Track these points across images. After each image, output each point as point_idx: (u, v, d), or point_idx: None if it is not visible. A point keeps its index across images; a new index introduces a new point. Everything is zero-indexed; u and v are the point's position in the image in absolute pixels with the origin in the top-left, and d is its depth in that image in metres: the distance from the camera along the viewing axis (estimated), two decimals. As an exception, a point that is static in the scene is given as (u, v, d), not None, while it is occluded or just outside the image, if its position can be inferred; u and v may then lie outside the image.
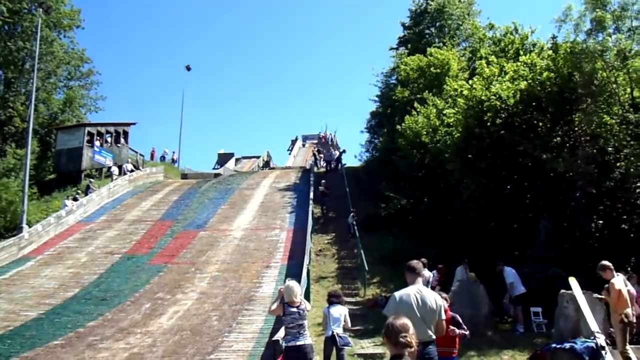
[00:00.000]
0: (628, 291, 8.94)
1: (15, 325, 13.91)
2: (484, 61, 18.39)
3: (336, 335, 8.74)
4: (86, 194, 27.94)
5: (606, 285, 8.80)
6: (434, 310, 5.33)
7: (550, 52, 16.98)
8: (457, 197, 17.66)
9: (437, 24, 33.17)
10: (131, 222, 24.32)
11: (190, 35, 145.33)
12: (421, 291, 5.41)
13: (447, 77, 23.38)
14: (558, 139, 15.53)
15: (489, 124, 16.04)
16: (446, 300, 7.19)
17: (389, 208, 22.44)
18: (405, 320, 3.38)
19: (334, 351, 9.01)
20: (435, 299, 5.44)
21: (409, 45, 32.57)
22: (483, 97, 16.41)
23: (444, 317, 5.52)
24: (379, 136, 31.87)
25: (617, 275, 8.81)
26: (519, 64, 16.96)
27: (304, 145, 57.30)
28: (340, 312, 9.12)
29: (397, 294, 5.41)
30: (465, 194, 16.68)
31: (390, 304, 5.41)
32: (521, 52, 19.79)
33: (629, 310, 8.55)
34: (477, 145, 16.01)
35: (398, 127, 23.93)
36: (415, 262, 5.75)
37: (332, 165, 36.41)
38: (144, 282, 17.33)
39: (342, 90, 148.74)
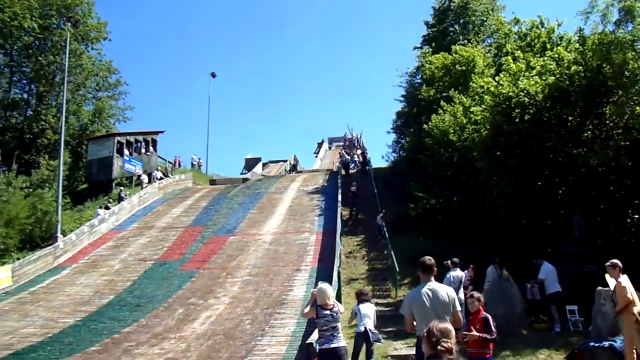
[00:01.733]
0: None
1: (54, 332, 14.23)
2: (510, 57, 18.15)
3: (369, 331, 8.95)
4: (118, 202, 28.43)
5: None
6: (446, 303, 5.49)
7: (577, 45, 16.67)
8: (487, 196, 17.46)
9: (461, 20, 32.92)
10: (162, 229, 24.65)
11: (214, 42, 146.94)
12: (432, 286, 5.59)
13: (472, 74, 23.21)
14: (589, 133, 15.19)
15: (517, 120, 15.80)
16: (479, 300, 7.11)
17: (417, 208, 22.50)
18: (446, 325, 3.39)
19: (364, 347, 9.18)
20: (447, 292, 5.60)
21: (433, 44, 32.39)
22: (510, 94, 16.18)
23: (459, 308, 5.64)
24: (406, 136, 31.81)
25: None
26: (545, 58, 16.67)
27: (330, 148, 57.38)
28: (370, 309, 9.38)
29: (409, 293, 5.71)
30: (495, 191, 16.46)
31: (404, 303, 5.72)
32: (548, 46, 19.47)
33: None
34: (505, 143, 15.78)
35: (425, 126, 23.85)
36: (428, 259, 5.81)
37: (359, 167, 36.35)
38: (177, 287, 17.55)
39: (368, 92, 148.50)
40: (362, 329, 9.04)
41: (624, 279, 8.28)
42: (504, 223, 16.49)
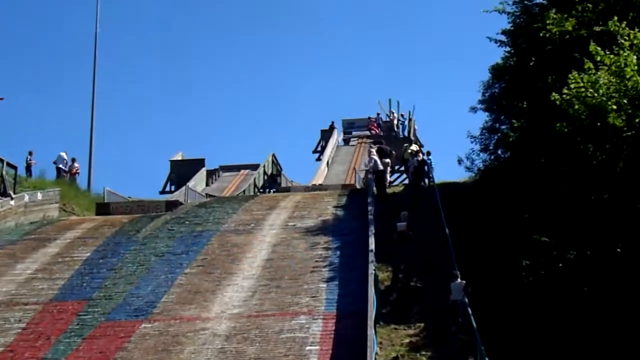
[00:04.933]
0: None
1: None
2: None
3: None
4: None
5: None
6: None
7: None
8: None
9: None
10: (-6, 307, 24.52)
11: None
12: None
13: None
14: None
15: None
16: None
17: (538, 267, 22.41)
18: None
19: None
20: None
21: None
22: None
23: None
24: (510, 116, 31.49)
25: None
26: None
27: (346, 142, 57.93)
28: None
29: None
30: None
31: None
32: None
33: None
34: None
35: (554, 95, 23.58)
36: None
37: (412, 179, 36.11)
38: None
39: (424, 27, 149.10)
40: None
41: None
42: None
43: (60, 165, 44.77)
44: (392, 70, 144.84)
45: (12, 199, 34.90)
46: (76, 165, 46.25)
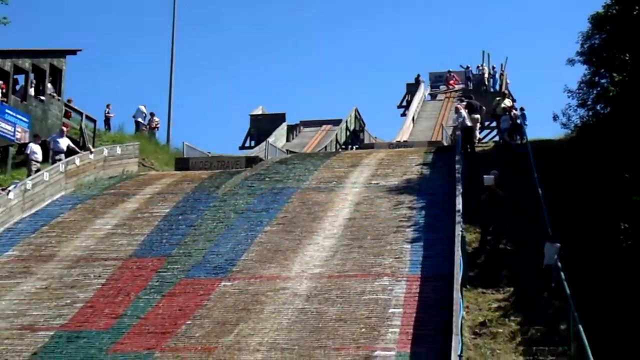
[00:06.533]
0: None
1: None
2: None
3: None
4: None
5: None
6: None
7: None
8: None
9: None
10: (73, 263, 24.91)
11: None
12: None
13: None
14: None
15: None
16: None
17: (638, 231, 22.39)
18: None
19: None
20: None
21: None
22: None
23: None
24: (611, 69, 31.00)
25: None
26: None
27: (433, 97, 57.94)
28: None
29: None
30: None
31: None
32: None
33: None
34: None
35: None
36: None
37: (504, 136, 35.81)
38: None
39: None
40: None
41: None
42: None
43: (140, 119, 45.56)
44: (483, 20, 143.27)
45: (91, 152, 35.40)
46: (155, 119, 47.01)
